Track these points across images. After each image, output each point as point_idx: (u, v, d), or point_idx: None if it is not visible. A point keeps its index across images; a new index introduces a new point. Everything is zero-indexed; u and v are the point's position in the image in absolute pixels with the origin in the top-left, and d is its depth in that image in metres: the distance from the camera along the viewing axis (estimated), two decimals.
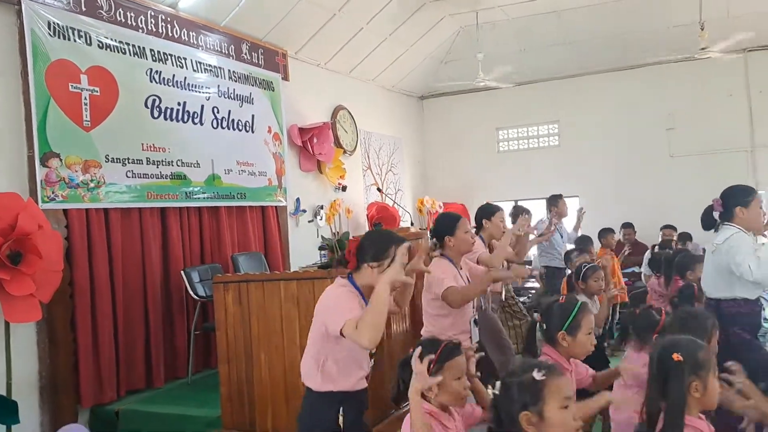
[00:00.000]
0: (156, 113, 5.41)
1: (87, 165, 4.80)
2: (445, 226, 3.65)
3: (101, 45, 4.98)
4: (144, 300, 5.25)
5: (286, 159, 7.00)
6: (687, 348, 2.18)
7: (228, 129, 6.21)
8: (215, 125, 6.05)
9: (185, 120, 5.70)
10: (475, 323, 3.70)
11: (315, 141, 7.36)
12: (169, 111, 5.54)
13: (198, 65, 5.90)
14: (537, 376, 1.85)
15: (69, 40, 4.75)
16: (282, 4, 6.52)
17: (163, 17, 5.57)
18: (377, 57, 8.44)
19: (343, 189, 8.04)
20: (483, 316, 4.24)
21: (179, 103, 5.64)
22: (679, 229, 7.56)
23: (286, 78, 7.11)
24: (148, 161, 5.28)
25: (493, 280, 3.65)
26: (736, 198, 3.66)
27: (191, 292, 5.34)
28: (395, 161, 9.58)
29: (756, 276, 3.48)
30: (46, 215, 4.31)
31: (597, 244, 7.53)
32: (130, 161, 5.13)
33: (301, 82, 7.43)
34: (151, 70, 5.40)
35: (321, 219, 7.51)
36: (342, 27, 7.37)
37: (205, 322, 5.50)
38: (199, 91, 5.89)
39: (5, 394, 4.12)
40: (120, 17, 5.15)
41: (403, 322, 4.54)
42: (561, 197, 7.29)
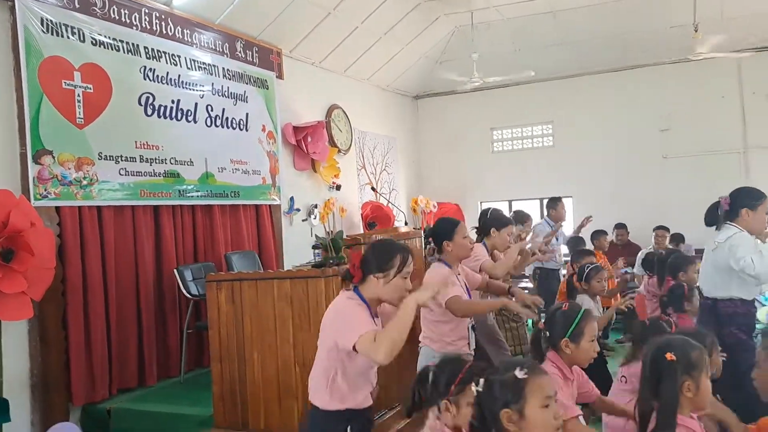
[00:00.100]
0: (150, 111, 5.39)
1: (80, 162, 4.78)
2: (444, 231, 3.62)
3: (95, 42, 4.96)
4: (137, 298, 5.24)
5: (280, 158, 6.98)
6: (680, 348, 2.19)
7: (222, 127, 6.19)
8: (209, 123, 6.03)
9: (179, 118, 5.69)
10: (473, 329, 3.70)
11: (309, 140, 7.35)
12: (163, 109, 5.52)
13: (192, 63, 5.88)
14: (519, 374, 1.86)
15: (62, 36, 4.72)
16: (277, 2, 6.50)
17: (158, 14, 5.55)
18: (372, 56, 8.43)
19: (338, 188, 8.04)
20: (478, 319, 4.28)
21: (173, 101, 5.62)
22: (672, 230, 7.59)
23: (280, 76, 7.10)
24: (141, 159, 5.27)
25: (504, 307, 3.60)
26: (744, 199, 3.66)
27: (184, 290, 5.32)
28: (390, 161, 9.58)
29: (758, 269, 3.47)
30: (38, 213, 4.28)
31: (589, 245, 7.55)
32: (123, 159, 5.11)
33: (296, 80, 7.42)
34: (145, 67, 5.38)
35: (315, 218, 7.49)
36: (337, 26, 7.36)
37: (198, 320, 5.49)
38: (193, 89, 5.87)
39: None
40: (114, 14, 5.13)
41: None
42: (560, 200, 7.31)
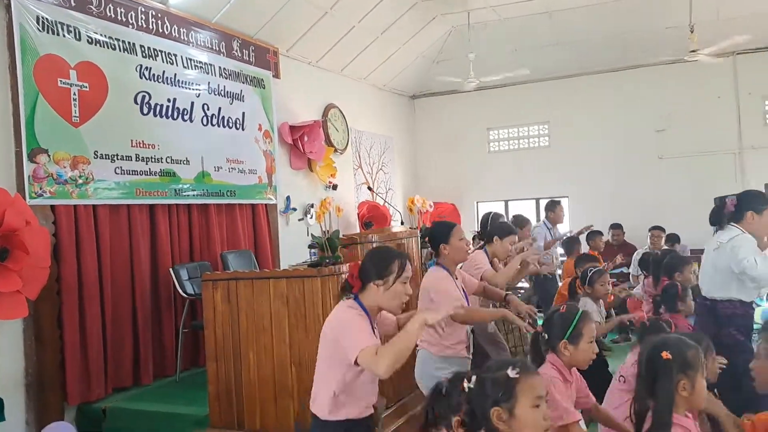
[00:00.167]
0: (145, 110, 5.38)
1: (75, 161, 4.77)
2: (440, 234, 3.63)
3: (91, 40, 4.95)
4: (132, 297, 5.23)
5: (276, 157, 6.98)
6: (676, 347, 2.20)
7: (218, 126, 6.18)
8: (205, 122, 6.02)
9: (175, 117, 5.68)
10: (472, 332, 3.71)
11: (306, 139, 7.34)
12: (159, 107, 5.51)
13: (188, 62, 5.87)
14: (511, 373, 1.88)
15: (58, 35, 4.71)
16: (273, 1, 6.50)
17: (154, 13, 5.54)
18: (369, 56, 8.43)
19: (334, 187, 8.04)
20: (477, 326, 4.32)
21: (169, 100, 5.61)
22: (668, 231, 7.60)
23: (277, 75, 7.09)
24: (137, 158, 5.25)
25: (503, 318, 3.59)
26: (751, 202, 3.65)
27: (180, 289, 5.32)
28: (386, 160, 9.58)
29: (760, 270, 3.45)
30: (33, 211, 4.28)
31: (584, 246, 7.57)
32: (119, 158, 5.10)
33: (292, 79, 7.41)
34: (141, 66, 5.37)
35: (311, 217, 7.50)
36: (333, 25, 7.36)
37: (194, 320, 5.49)
38: (190, 88, 5.86)
39: None
40: (110, 13, 5.12)
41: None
42: (559, 204, 7.32)
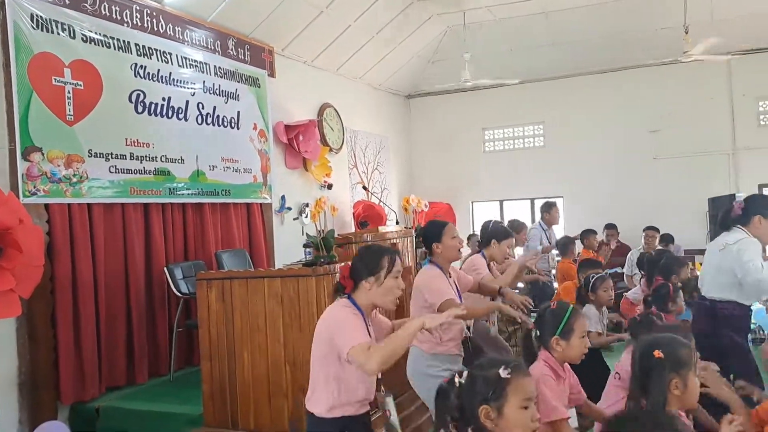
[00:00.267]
0: (140, 108, 5.37)
1: (70, 159, 4.75)
2: (433, 233, 3.67)
3: (85, 38, 4.93)
4: (126, 296, 5.22)
5: (271, 156, 6.97)
6: (668, 346, 2.21)
7: (213, 125, 6.17)
8: (200, 121, 6.01)
9: (170, 115, 5.66)
10: (467, 329, 3.71)
11: (301, 138, 7.34)
12: (154, 106, 5.49)
13: (183, 60, 5.86)
14: (503, 373, 1.88)
15: (52, 33, 4.69)
16: (269, 0, 6.49)
17: (149, 12, 5.52)
18: (364, 55, 8.43)
19: (329, 187, 8.03)
20: (476, 325, 4.34)
21: (164, 99, 5.60)
22: (662, 231, 7.63)
23: (272, 75, 7.08)
24: (131, 156, 5.24)
25: (498, 310, 3.63)
26: (759, 207, 3.66)
27: (174, 288, 5.31)
28: (381, 160, 9.58)
29: (765, 274, 3.45)
30: (27, 210, 4.24)
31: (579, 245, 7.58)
32: (113, 156, 5.09)
33: (288, 79, 7.40)
34: (136, 64, 5.35)
35: (306, 217, 7.49)
36: (329, 24, 7.35)
37: (188, 319, 5.48)
38: (184, 87, 5.85)
39: None
40: (105, 11, 5.10)
41: None
42: (554, 205, 7.33)
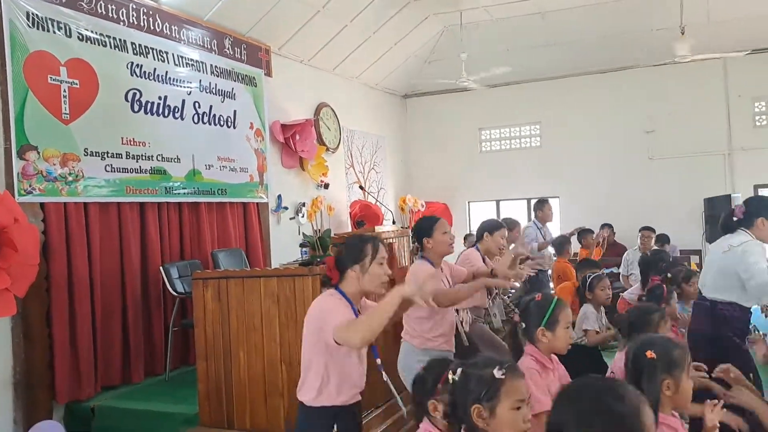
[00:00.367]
0: (136, 107, 5.36)
1: (65, 158, 4.74)
2: (423, 228, 3.69)
3: (81, 37, 4.92)
4: (122, 296, 5.21)
5: (268, 155, 6.97)
6: (661, 346, 2.22)
7: (209, 124, 6.16)
8: (196, 120, 6.00)
9: (166, 114, 5.65)
10: (460, 324, 3.72)
11: (297, 138, 7.33)
12: (150, 105, 5.48)
13: (180, 59, 5.85)
14: (497, 374, 1.88)
15: (48, 31, 4.68)
16: None
17: (145, 10, 5.51)
18: (361, 55, 8.43)
19: (326, 186, 8.03)
20: (473, 327, 4.34)
21: (160, 98, 5.59)
22: (658, 231, 7.64)
23: (268, 74, 7.08)
24: (127, 155, 5.23)
25: (485, 286, 3.65)
26: (760, 209, 3.65)
27: (170, 288, 5.30)
28: (378, 159, 9.58)
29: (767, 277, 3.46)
30: (22, 208, 4.22)
31: (576, 245, 7.60)
32: (109, 155, 5.08)
33: (284, 78, 7.40)
34: (132, 63, 5.34)
35: (302, 216, 7.49)
36: (326, 24, 7.35)
37: (184, 318, 5.47)
38: (181, 86, 5.84)
39: None
40: (101, 9, 5.09)
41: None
42: (547, 202, 7.33)
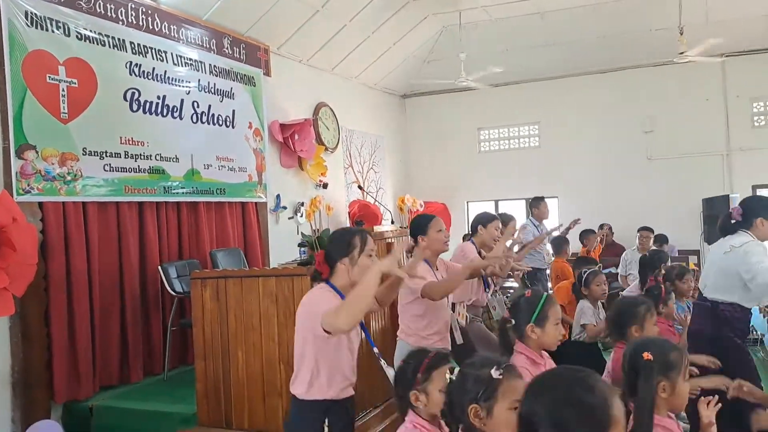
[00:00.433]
0: (135, 106, 5.36)
1: (64, 158, 4.74)
2: (418, 226, 3.69)
3: (80, 36, 4.91)
4: (120, 295, 5.20)
5: (266, 155, 6.96)
6: (658, 348, 2.23)
7: (208, 124, 6.16)
8: (195, 120, 6.00)
9: (164, 114, 5.65)
10: (458, 326, 3.72)
11: (296, 137, 7.33)
12: (149, 104, 5.48)
13: (178, 59, 5.85)
14: (495, 374, 1.88)
15: (47, 30, 4.68)
16: None
17: (144, 10, 5.51)
18: (360, 54, 8.43)
19: (324, 186, 8.03)
20: (471, 326, 4.32)
21: (159, 97, 5.58)
22: (656, 231, 7.64)
23: (267, 73, 7.08)
24: (126, 155, 5.23)
25: (473, 269, 3.64)
26: (757, 210, 3.67)
27: (168, 287, 5.29)
28: (377, 159, 9.58)
29: None
30: (21, 208, 4.23)
31: (576, 244, 7.60)
32: (107, 155, 5.07)
33: (283, 78, 7.40)
34: (131, 63, 5.34)
35: (301, 216, 7.49)
36: (324, 24, 7.35)
37: (182, 318, 5.46)
38: (179, 85, 5.84)
39: None
40: (99, 9, 5.09)
41: (382, 320, 4.55)
42: (542, 200, 7.34)
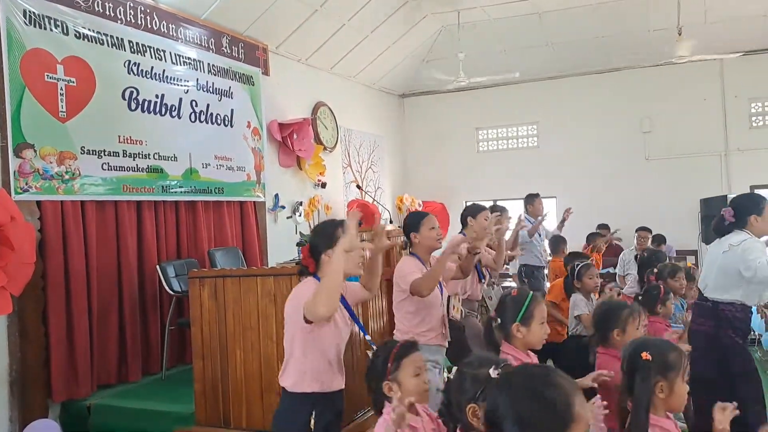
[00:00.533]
0: (133, 105, 5.35)
1: (62, 156, 4.73)
2: (411, 223, 3.68)
3: (78, 35, 4.91)
4: (118, 294, 5.20)
5: (265, 154, 6.96)
6: (657, 348, 2.23)
7: (206, 123, 6.16)
8: (193, 119, 5.99)
9: (163, 113, 5.65)
10: (449, 322, 3.69)
11: (295, 137, 7.33)
12: (147, 103, 5.48)
13: (177, 58, 5.84)
14: (492, 374, 1.88)
15: (45, 29, 4.67)
16: None
17: (142, 8, 5.50)
18: (358, 54, 8.43)
19: (323, 185, 8.03)
20: (467, 321, 4.30)
21: (157, 96, 5.58)
22: (654, 231, 7.66)
23: (266, 73, 7.07)
24: (124, 154, 5.23)
25: (452, 248, 3.54)
26: (749, 208, 3.71)
27: (166, 286, 5.29)
28: (375, 159, 9.58)
29: None
30: (19, 207, 4.22)
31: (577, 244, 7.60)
32: (106, 153, 5.07)
33: (282, 77, 7.39)
34: (129, 61, 5.33)
35: (300, 215, 7.49)
36: (323, 23, 7.35)
37: (180, 317, 5.46)
38: (178, 84, 5.83)
39: None
40: (98, 7, 5.08)
41: (381, 319, 4.55)
42: (537, 196, 7.35)
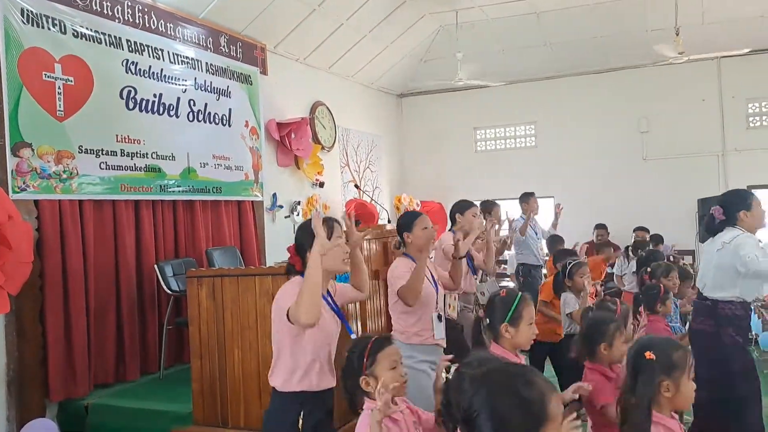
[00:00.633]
0: (131, 104, 5.34)
1: (60, 155, 4.73)
2: (404, 223, 3.65)
3: (76, 34, 4.90)
4: (116, 294, 5.19)
5: (263, 154, 6.96)
6: (661, 348, 2.24)
7: (204, 122, 6.15)
8: (191, 118, 5.99)
9: (161, 112, 5.64)
10: (439, 319, 3.66)
11: (293, 136, 7.33)
12: (145, 103, 5.47)
13: (175, 57, 5.83)
14: (445, 376, 1.87)
15: (43, 28, 4.66)
16: None
17: (140, 8, 5.50)
18: (356, 54, 8.42)
19: (321, 185, 8.03)
20: (462, 316, 4.29)
21: (155, 95, 5.57)
22: (651, 231, 7.67)
23: (264, 72, 7.07)
24: (122, 153, 5.22)
25: (420, 250, 3.47)
26: (737, 204, 3.74)
27: (164, 286, 5.28)
28: (373, 158, 9.58)
29: (762, 265, 3.51)
30: (16, 206, 4.22)
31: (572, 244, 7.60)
32: (104, 153, 5.06)
33: (280, 76, 7.39)
34: (127, 60, 5.33)
35: (298, 215, 7.49)
36: (321, 22, 7.34)
37: (178, 316, 5.45)
38: (176, 84, 5.82)
39: None
40: (96, 6, 5.08)
41: (379, 319, 4.55)
42: (532, 195, 7.36)
